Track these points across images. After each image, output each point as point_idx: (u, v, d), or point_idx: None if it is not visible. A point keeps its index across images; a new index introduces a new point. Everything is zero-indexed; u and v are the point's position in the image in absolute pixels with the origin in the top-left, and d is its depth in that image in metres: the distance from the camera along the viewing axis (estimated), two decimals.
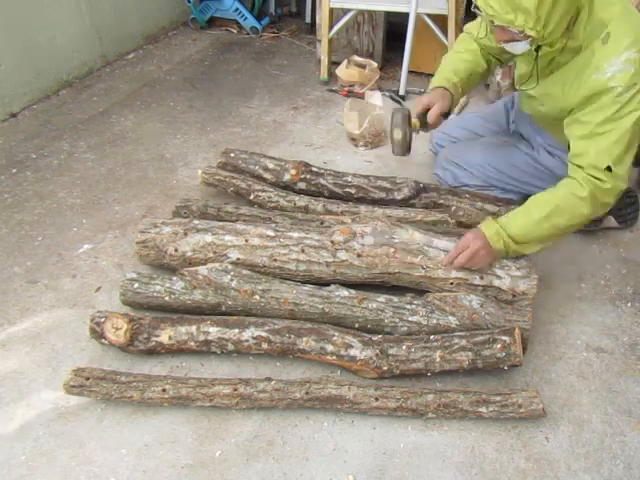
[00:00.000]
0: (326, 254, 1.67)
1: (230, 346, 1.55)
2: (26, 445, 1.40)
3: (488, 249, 1.57)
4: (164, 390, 1.45)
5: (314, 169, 2.10)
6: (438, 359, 1.48)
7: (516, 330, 1.47)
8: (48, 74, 2.87)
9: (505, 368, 1.50)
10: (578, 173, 1.53)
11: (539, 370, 1.61)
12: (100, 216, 2.13)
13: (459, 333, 1.52)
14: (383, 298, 1.61)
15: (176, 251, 1.74)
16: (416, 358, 1.49)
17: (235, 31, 3.74)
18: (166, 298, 1.65)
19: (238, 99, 2.95)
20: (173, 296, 1.65)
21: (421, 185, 2.03)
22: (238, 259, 1.71)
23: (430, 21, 2.82)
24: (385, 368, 1.50)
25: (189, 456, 1.39)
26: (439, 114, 1.73)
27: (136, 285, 1.67)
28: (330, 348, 1.52)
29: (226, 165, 2.17)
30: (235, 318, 1.59)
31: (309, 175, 2.08)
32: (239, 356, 1.61)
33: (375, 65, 2.98)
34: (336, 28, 2.97)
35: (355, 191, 2.05)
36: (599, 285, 1.89)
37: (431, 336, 1.53)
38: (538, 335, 1.69)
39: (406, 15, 2.78)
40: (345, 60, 2.98)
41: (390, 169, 2.41)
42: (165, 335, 1.56)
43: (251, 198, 2.02)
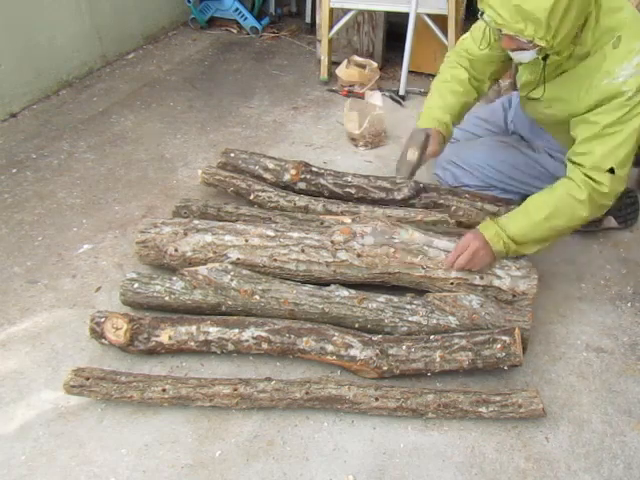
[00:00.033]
0: (326, 254, 1.67)
1: (230, 346, 1.55)
2: (26, 445, 1.40)
3: (487, 250, 1.58)
4: (164, 390, 1.45)
5: (314, 169, 2.10)
6: (438, 359, 1.48)
7: (516, 330, 1.47)
8: (48, 74, 2.87)
9: (505, 368, 1.50)
10: (576, 174, 1.53)
11: (539, 370, 1.61)
12: (100, 216, 2.13)
13: (459, 333, 1.52)
14: (383, 298, 1.61)
15: (176, 251, 1.74)
16: (416, 358, 1.49)
17: (235, 31, 3.74)
18: (166, 298, 1.65)
19: (238, 99, 2.95)
20: (173, 296, 1.65)
21: (421, 185, 2.03)
22: (238, 259, 1.71)
23: (430, 21, 2.82)
24: (385, 368, 1.50)
25: (189, 456, 1.39)
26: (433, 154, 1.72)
27: (136, 285, 1.67)
28: (330, 348, 1.52)
29: (226, 165, 2.17)
30: (235, 318, 1.59)
31: (309, 175, 2.08)
32: (239, 356, 1.61)
33: (375, 65, 2.98)
34: (336, 28, 2.97)
35: (355, 191, 2.05)
36: (599, 285, 1.89)
37: (431, 336, 1.53)
38: (538, 335, 1.69)
39: (406, 15, 2.78)
40: (345, 60, 2.98)
41: (390, 169, 2.41)
42: (165, 335, 1.56)
43: (251, 198, 2.02)
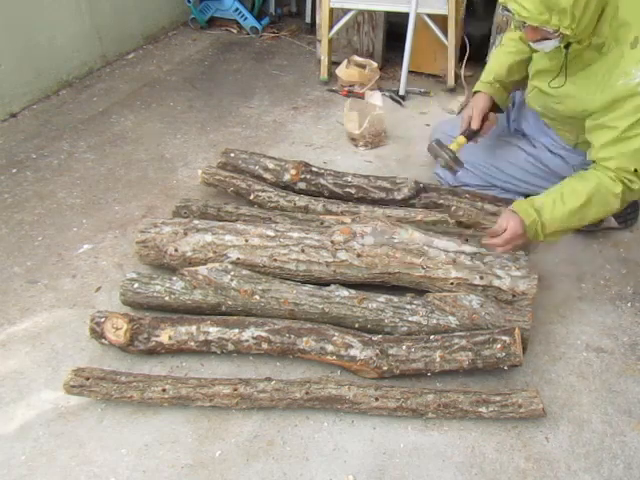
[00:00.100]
0: (326, 254, 1.67)
1: (230, 346, 1.55)
2: (26, 445, 1.40)
3: (524, 235, 1.58)
4: (164, 390, 1.45)
5: (314, 169, 2.11)
6: (438, 359, 1.48)
7: (516, 330, 1.47)
8: (48, 74, 2.87)
9: (505, 368, 1.50)
10: (609, 171, 1.55)
11: (539, 370, 1.61)
12: (100, 216, 2.14)
13: (459, 333, 1.52)
14: (383, 298, 1.61)
15: (176, 251, 1.74)
16: (416, 358, 1.49)
17: (235, 31, 3.74)
18: (166, 298, 1.65)
19: (238, 99, 2.95)
20: (173, 296, 1.65)
21: (421, 185, 2.03)
22: (238, 259, 1.71)
23: (430, 21, 2.82)
24: (385, 368, 1.50)
25: (189, 456, 1.39)
26: (479, 119, 1.88)
27: (136, 285, 1.67)
28: (330, 348, 1.52)
29: (226, 165, 2.17)
30: (235, 318, 1.59)
31: (309, 175, 2.08)
32: (239, 356, 1.61)
33: (375, 65, 2.98)
34: (336, 28, 2.97)
35: (355, 191, 2.05)
36: (599, 285, 1.89)
37: (431, 336, 1.53)
38: (538, 335, 1.69)
39: (406, 15, 2.78)
40: (345, 60, 2.98)
41: (390, 169, 2.41)
42: (165, 335, 1.56)
43: (251, 198, 2.02)
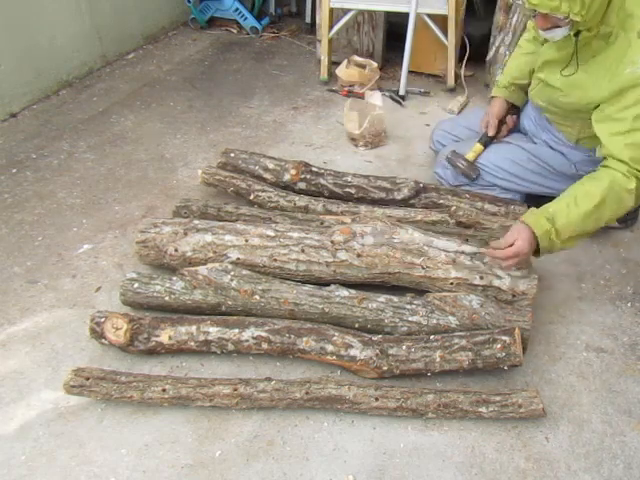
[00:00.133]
0: (326, 254, 1.67)
1: (230, 346, 1.55)
2: (26, 445, 1.40)
3: (533, 246, 1.54)
4: (164, 390, 1.45)
5: (314, 169, 2.11)
6: (438, 359, 1.48)
7: (516, 330, 1.47)
8: (48, 74, 2.87)
9: (505, 368, 1.50)
10: (621, 166, 1.52)
11: (539, 370, 1.61)
12: (100, 216, 2.14)
13: (459, 333, 1.52)
14: (383, 298, 1.61)
15: (176, 251, 1.74)
16: (416, 358, 1.49)
17: (235, 31, 3.74)
18: (166, 298, 1.65)
19: (238, 99, 2.95)
20: (173, 296, 1.65)
21: (421, 185, 2.03)
22: (238, 259, 1.71)
23: (430, 21, 2.83)
24: (385, 368, 1.50)
25: (189, 456, 1.39)
26: (494, 126, 2.00)
27: (136, 285, 1.67)
28: (330, 348, 1.52)
29: (226, 165, 2.17)
30: (235, 318, 1.59)
31: (309, 175, 2.08)
32: (239, 356, 1.61)
33: (375, 65, 2.98)
34: (336, 28, 2.97)
35: (355, 191, 2.05)
36: (599, 285, 1.89)
37: (431, 336, 1.53)
38: (538, 335, 1.69)
39: (406, 15, 2.78)
40: (345, 60, 2.98)
41: (390, 169, 2.41)
42: (165, 335, 1.56)
43: (251, 198, 2.02)
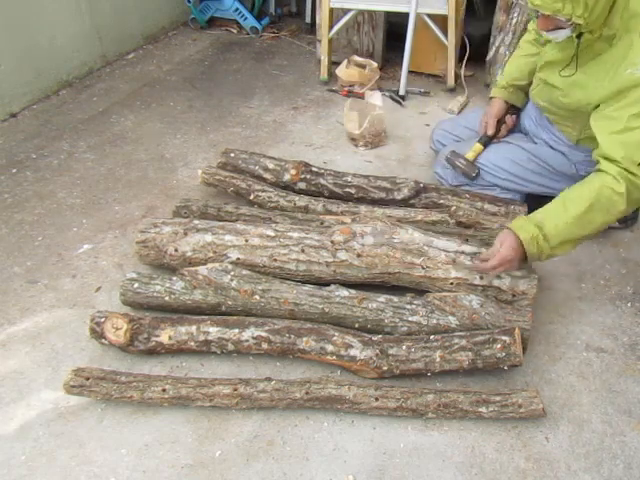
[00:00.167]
0: (326, 254, 1.67)
1: (230, 346, 1.55)
2: (26, 445, 1.40)
3: (521, 256, 1.52)
4: (164, 390, 1.45)
5: (314, 169, 2.11)
6: (438, 359, 1.48)
7: (516, 330, 1.47)
8: (48, 74, 2.87)
9: (505, 368, 1.50)
10: (612, 168, 1.50)
11: (539, 370, 1.61)
12: (100, 216, 2.13)
13: (459, 333, 1.52)
14: (383, 298, 1.61)
15: (176, 251, 1.74)
16: (416, 358, 1.49)
17: (235, 31, 3.74)
18: (166, 298, 1.65)
19: (238, 99, 2.95)
20: (173, 296, 1.65)
21: (421, 185, 2.03)
22: (238, 259, 1.71)
23: (430, 21, 2.83)
24: (385, 368, 1.50)
25: (189, 456, 1.39)
26: (494, 125, 2.02)
27: (136, 285, 1.67)
28: (330, 348, 1.52)
29: (226, 165, 2.17)
30: (235, 318, 1.59)
31: (309, 175, 2.08)
32: (239, 356, 1.61)
33: (375, 65, 2.98)
34: (336, 28, 2.97)
35: (355, 191, 2.05)
36: (599, 285, 1.89)
37: (431, 336, 1.53)
38: (538, 335, 1.69)
39: (406, 15, 2.78)
40: (345, 60, 2.98)
41: (390, 169, 2.41)
42: (165, 335, 1.56)
43: (251, 198, 2.02)
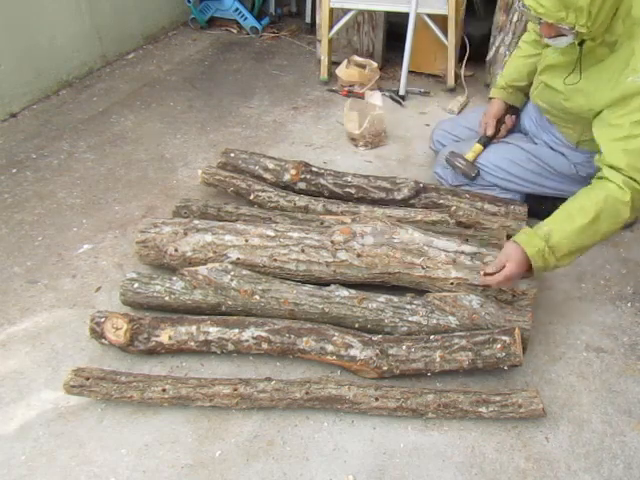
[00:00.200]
0: (326, 254, 1.67)
1: (230, 346, 1.55)
2: (26, 445, 1.40)
3: (526, 266, 1.50)
4: (164, 390, 1.45)
5: (314, 169, 2.11)
6: (438, 359, 1.48)
7: (516, 330, 1.47)
8: (48, 74, 2.87)
9: (505, 368, 1.50)
10: (617, 176, 1.49)
11: (539, 370, 1.61)
12: (100, 216, 2.13)
13: (459, 333, 1.52)
14: (383, 298, 1.61)
15: (176, 251, 1.74)
16: (416, 358, 1.49)
17: (235, 31, 3.74)
18: (166, 298, 1.65)
19: (238, 99, 2.95)
20: (173, 296, 1.65)
21: (421, 185, 2.03)
22: (238, 259, 1.71)
23: (430, 21, 2.82)
24: (385, 368, 1.50)
25: (189, 456, 1.39)
26: (493, 125, 2.02)
27: (136, 285, 1.67)
28: (330, 348, 1.52)
29: (226, 165, 2.17)
30: (235, 318, 1.59)
31: (309, 175, 2.08)
32: (239, 356, 1.61)
33: (375, 65, 2.98)
34: (336, 28, 2.97)
35: (355, 191, 2.05)
36: (599, 285, 1.89)
37: (431, 336, 1.53)
38: (538, 335, 1.69)
39: (406, 15, 2.78)
40: (345, 60, 2.98)
41: (390, 169, 2.41)
42: (165, 335, 1.56)
43: (251, 198, 2.02)
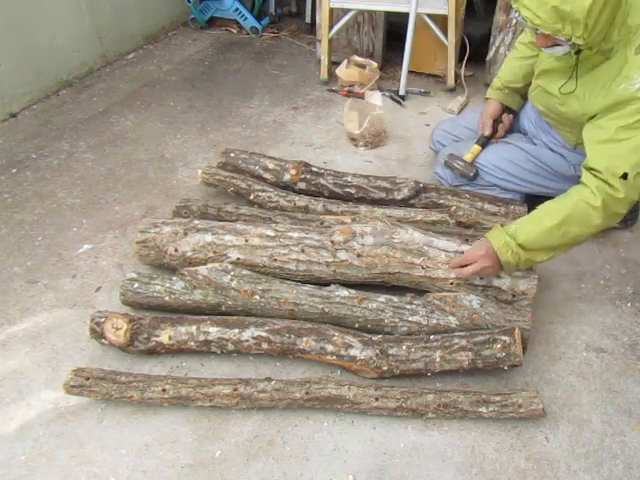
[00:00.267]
0: (326, 254, 1.67)
1: (230, 346, 1.55)
2: (26, 445, 1.40)
3: (495, 264, 1.55)
4: (164, 390, 1.45)
5: (314, 169, 2.11)
6: (438, 359, 1.48)
7: (516, 330, 1.47)
8: (48, 74, 2.87)
9: (505, 368, 1.50)
10: (592, 181, 1.50)
11: (539, 370, 1.61)
12: (100, 216, 2.13)
13: (459, 333, 1.52)
14: (383, 298, 1.61)
15: (176, 251, 1.74)
16: (416, 358, 1.49)
17: (235, 31, 3.74)
18: (166, 298, 1.65)
19: (238, 99, 2.95)
20: (173, 296, 1.65)
21: (421, 185, 2.03)
22: (238, 259, 1.71)
23: (430, 21, 2.82)
24: (385, 368, 1.50)
25: (189, 456, 1.39)
26: (490, 126, 2.03)
27: (136, 285, 1.67)
28: (330, 348, 1.52)
29: (226, 165, 2.17)
30: (235, 318, 1.59)
31: (309, 175, 2.08)
32: (239, 356, 1.61)
33: (375, 65, 2.98)
34: (336, 28, 2.97)
35: (355, 191, 2.05)
36: (599, 285, 1.89)
37: (431, 336, 1.53)
38: (538, 335, 1.69)
39: (406, 15, 2.78)
40: (345, 60, 2.98)
41: (390, 169, 2.41)
42: (165, 335, 1.56)
43: (251, 198, 2.02)
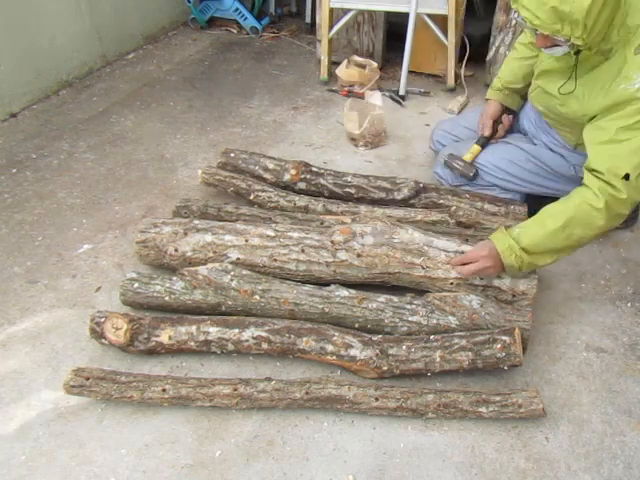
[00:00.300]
0: (326, 254, 1.67)
1: (230, 346, 1.55)
2: (26, 445, 1.40)
3: (497, 263, 1.55)
4: (164, 390, 1.45)
5: (314, 169, 2.11)
6: (438, 359, 1.48)
7: (516, 330, 1.47)
8: (48, 74, 2.87)
9: (505, 368, 1.50)
10: (594, 182, 1.50)
11: (539, 370, 1.61)
12: (100, 216, 2.13)
13: (459, 333, 1.52)
14: (383, 298, 1.61)
15: (176, 251, 1.74)
16: (416, 358, 1.49)
17: (235, 31, 3.74)
18: (166, 298, 1.65)
19: (238, 99, 2.95)
20: (173, 296, 1.65)
21: (421, 185, 2.03)
22: (238, 259, 1.71)
23: (430, 21, 2.83)
24: (385, 368, 1.50)
25: (189, 456, 1.39)
26: (490, 126, 2.03)
27: (136, 285, 1.67)
28: (330, 348, 1.52)
29: (226, 165, 2.17)
30: (235, 318, 1.59)
31: (309, 175, 2.08)
32: (239, 356, 1.61)
33: (375, 65, 2.98)
34: (336, 28, 2.97)
35: (355, 191, 2.05)
36: (599, 285, 1.89)
37: (431, 336, 1.53)
38: (538, 335, 1.69)
39: (406, 15, 2.78)
40: (345, 60, 2.98)
41: (390, 169, 2.41)
42: (165, 335, 1.56)
43: (251, 198, 2.02)
